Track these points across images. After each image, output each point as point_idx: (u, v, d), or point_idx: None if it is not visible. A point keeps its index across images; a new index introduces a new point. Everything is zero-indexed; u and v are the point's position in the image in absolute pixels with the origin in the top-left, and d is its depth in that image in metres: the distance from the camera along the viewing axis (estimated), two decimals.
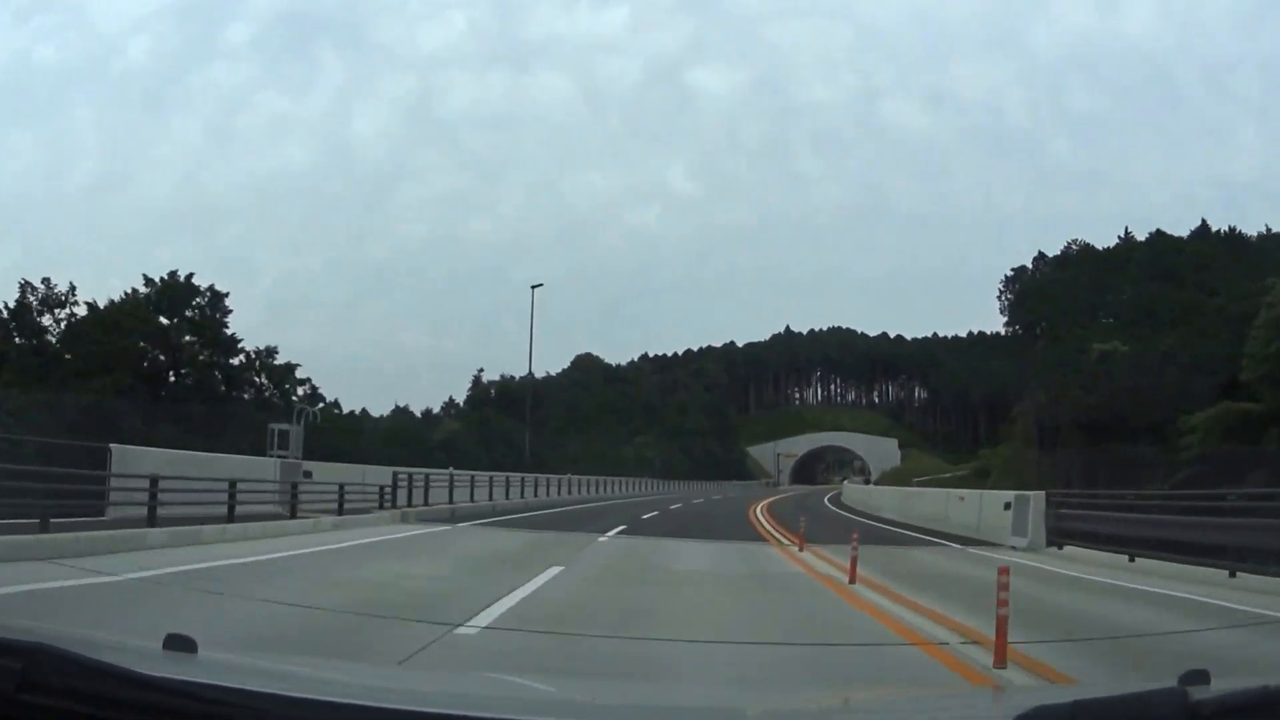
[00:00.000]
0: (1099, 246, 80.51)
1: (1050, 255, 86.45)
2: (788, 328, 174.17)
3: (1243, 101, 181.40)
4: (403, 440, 72.67)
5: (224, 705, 1.34)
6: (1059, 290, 75.10)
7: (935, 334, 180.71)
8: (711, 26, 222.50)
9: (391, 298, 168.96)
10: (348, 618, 6.96)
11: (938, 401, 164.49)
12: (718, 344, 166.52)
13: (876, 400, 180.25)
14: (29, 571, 7.93)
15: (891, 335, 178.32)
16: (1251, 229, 78.75)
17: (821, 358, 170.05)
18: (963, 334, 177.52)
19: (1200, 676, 1.46)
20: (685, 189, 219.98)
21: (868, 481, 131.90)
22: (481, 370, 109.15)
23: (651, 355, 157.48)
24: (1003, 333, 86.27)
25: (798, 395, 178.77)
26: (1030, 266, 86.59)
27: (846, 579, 10.32)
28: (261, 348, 49.68)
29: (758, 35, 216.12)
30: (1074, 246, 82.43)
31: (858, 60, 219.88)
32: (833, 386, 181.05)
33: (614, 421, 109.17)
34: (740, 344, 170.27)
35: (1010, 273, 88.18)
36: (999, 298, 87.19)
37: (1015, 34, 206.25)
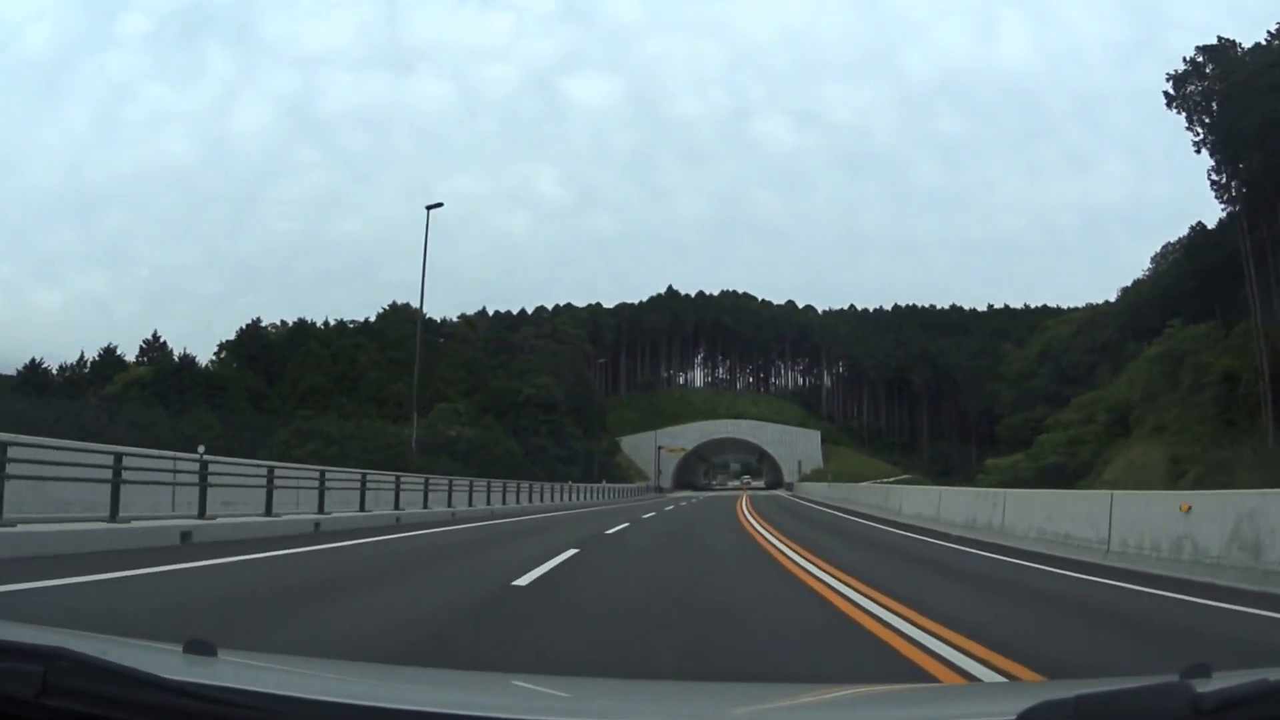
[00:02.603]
0: None
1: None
2: (670, 288, 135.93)
3: (1111, 133, 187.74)
4: None
5: (243, 708, 1.33)
6: None
7: (853, 305, 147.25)
8: (589, 38, 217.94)
9: (262, 293, 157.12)
10: None
11: (863, 387, 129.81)
12: (580, 303, 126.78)
13: (779, 383, 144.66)
14: None
15: (800, 305, 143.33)
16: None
17: (713, 326, 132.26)
18: (888, 307, 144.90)
19: (1202, 670, 1.46)
20: (554, 194, 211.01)
21: (778, 485, 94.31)
22: (259, 318, 78.37)
23: (492, 312, 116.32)
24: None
25: (681, 375, 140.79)
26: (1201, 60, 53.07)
27: None
28: None
29: (633, 48, 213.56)
30: None
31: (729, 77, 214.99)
32: (723, 366, 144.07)
33: (405, 386, 67.07)
34: (609, 305, 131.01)
35: (1185, 66, 55.17)
36: (1170, 105, 54.98)
37: (887, 57, 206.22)
